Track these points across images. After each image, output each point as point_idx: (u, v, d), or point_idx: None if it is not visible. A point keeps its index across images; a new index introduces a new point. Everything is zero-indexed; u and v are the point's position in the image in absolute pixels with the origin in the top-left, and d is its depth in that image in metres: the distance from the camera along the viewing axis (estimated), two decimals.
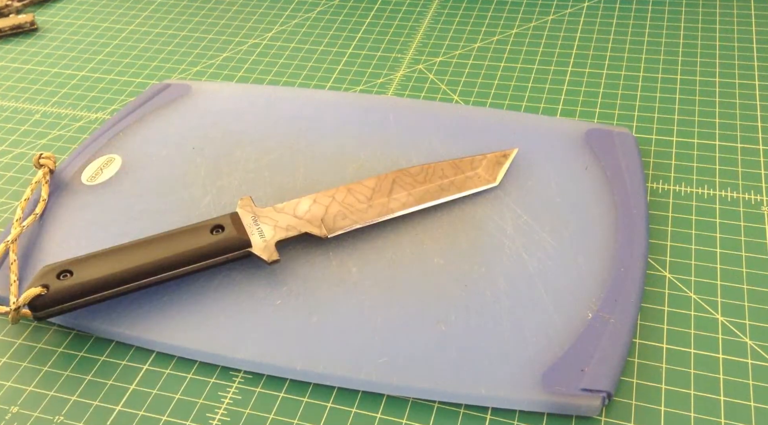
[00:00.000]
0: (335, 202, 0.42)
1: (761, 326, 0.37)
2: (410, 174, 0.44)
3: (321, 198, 0.42)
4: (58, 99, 0.56)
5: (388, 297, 0.39)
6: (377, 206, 0.42)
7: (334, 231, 0.41)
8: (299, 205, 0.42)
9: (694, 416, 0.34)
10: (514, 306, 0.38)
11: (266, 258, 0.39)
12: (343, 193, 0.43)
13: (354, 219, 0.42)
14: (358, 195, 0.42)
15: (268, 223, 0.41)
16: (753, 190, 0.45)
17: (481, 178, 0.44)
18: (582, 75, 0.55)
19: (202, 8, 0.66)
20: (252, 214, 0.41)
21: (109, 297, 0.38)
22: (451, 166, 0.44)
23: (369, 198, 0.43)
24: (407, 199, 0.43)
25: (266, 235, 0.40)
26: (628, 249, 0.40)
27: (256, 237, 0.40)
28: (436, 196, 0.43)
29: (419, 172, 0.44)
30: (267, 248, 0.40)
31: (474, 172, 0.44)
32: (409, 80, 0.56)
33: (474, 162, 0.44)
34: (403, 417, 0.35)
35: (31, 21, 0.64)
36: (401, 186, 0.43)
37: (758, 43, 0.56)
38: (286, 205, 0.42)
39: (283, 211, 0.41)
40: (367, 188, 0.43)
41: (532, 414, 0.35)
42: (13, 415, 0.36)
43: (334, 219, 0.42)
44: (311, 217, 0.41)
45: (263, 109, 0.52)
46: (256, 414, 0.35)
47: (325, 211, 0.42)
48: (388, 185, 0.43)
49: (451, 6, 0.64)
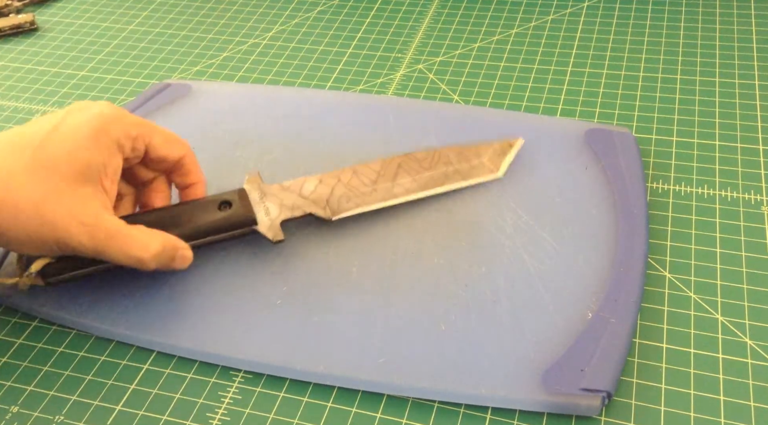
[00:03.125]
0: (341, 183, 0.42)
1: (761, 326, 0.37)
2: (416, 159, 0.44)
3: (327, 178, 0.42)
4: (58, 99, 0.56)
5: (388, 297, 0.39)
6: (381, 191, 0.43)
7: (339, 214, 0.42)
8: (305, 184, 0.42)
9: (694, 416, 0.34)
10: (514, 306, 0.38)
11: (271, 237, 0.40)
12: (349, 174, 0.43)
13: (358, 203, 0.42)
14: (363, 178, 0.43)
15: (274, 201, 0.41)
16: (753, 189, 0.45)
17: (485, 167, 0.44)
18: (582, 75, 0.55)
19: (202, 8, 0.66)
20: (259, 191, 0.41)
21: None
22: (457, 153, 0.44)
23: (374, 181, 0.43)
24: (411, 185, 0.43)
25: (272, 214, 0.40)
26: (628, 249, 0.40)
27: (261, 215, 0.40)
28: (440, 184, 0.43)
29: (425, 157, 0.44)
30: (272, 227, 0.40)
31: (479, 160, 0.44)
32: (409, 80, 0.56)
33: (480, 150, 0.44)
34: (403, 417, 0.35)
35: (31, 21, 0.64)
36: (406, 171, 0.43)
37: (758, 43, 0.56)
38: (292, 183, 0.42)
39: (290, 190, 0.42)
40: (373, 171, 0.43)
41: (532, 414, 0.35)
42: (13, 415, 0.36)
43: (338, 201, 0.42)
44: (317, 197, 0.42)
45: (263, 109, 0.52)
46: (256, 413, 0.35)
47: (330, 191, 0.42)
48: (394, 169, 0.43)
49: (451, 6, 0.64)
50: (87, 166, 0.36)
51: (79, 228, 0.35)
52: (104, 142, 0.37)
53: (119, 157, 0.38)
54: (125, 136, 0.38)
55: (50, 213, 0.35)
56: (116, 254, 0.36)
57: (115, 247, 0.36)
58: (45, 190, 0.35)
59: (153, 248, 0.36)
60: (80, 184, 0.36)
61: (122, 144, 0.38)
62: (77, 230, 0.35)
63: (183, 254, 0.38)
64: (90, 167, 0.36)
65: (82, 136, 0.36)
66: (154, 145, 0.40)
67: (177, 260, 0.38)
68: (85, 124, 0.37)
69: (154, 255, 0.36)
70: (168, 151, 0.40)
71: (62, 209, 0.35)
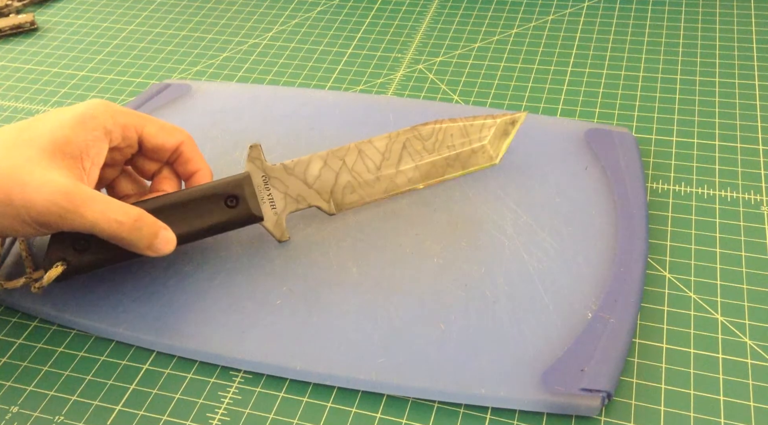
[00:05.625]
0: (345, 168, 0.42)
1: (761, 326, 0.37)
2: (421, 136, 0.43)
3: (332, 159, 0.42)
4: (58, 99, 0.56)
5: (388, 297, 0.39)
6: (385, 179, 0.43)
7: (342, 208, 0.42)
8: (310, 166, 0.42)
9: (694, 416, 0.34)
10: (514, 306, 0.38)
11: (278, 237, 0.41)
12: (354, 154, 0.43)
13: (361, 195, 0.43)
14: (368, 161, 0.43)
15: (278, 188, 0.41)
16: (753, 189, 0.45)
17: (486, 153, 0.44)
18: (582, 75, 0.55)
19: (202, 8, 0.66)
20: (262, 172, 0.41)
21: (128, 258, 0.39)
22: (461, 130, 0.44)
23: (378, 167, 0.43)
24: (413, 174, 0.43)
25: (278, 206, 0.41)
26: (628, 249, 0.40)
27: (267, 208, 0.41)
28: (441, 173, 0.44)
29: (430, 134, 0.43)
30: (278, 225, 0.41)
31: (481, 144, 0.44)
32: (409, 80, 0.56)
33: (483, 128, 0.44)
34: (403, 417, 0.35)
35: (31, 21, 0.64)
36: (410, 153, 0.43)
37: (758, 43, 0.56)
38: (296, 165, 0.42)
39: (294, 173, 0.42)
40: (377, 152, 0.43)
41: (532, 414, 0.35)
42: (13, 415, 0.36)
43: (342, 192, 0.42)
44: (320, 186, 0.42)
45: (263, 109, 0.52)
46: (256, 414, 0.35)
47: (335, 179, 0.42)
48: (399, 149, 0.43)
49: (451, 6, 0.64)
50: (67, 143, 0.36)
51: (53, 189, 0.34)
52: (90, 125, 0.37)
53: (104, 142, 0.38)
54: (113, 122, 0.38)
55: (25, 175, 0.34)
56: (95, 217, 0.35)
57: (95, 209, 0.35)
58: (21, 157, 0.35)
59: (134, 212, 0.36)
60: (59, 157, 0.35)
61: (109, 129, 0.38)
62: (51, 191, 0.34)
63: (166, 235, 0.37)
64: (70, 144, 0.36)
65: (68, 118, 0.37)
66: (148, 135, 0.40)
67: (160, 239, 0.37)
68: (72, 110, 0.37)
69: (136, 219, 0.36)
70: (164, 140, 0.40)
71: (38, 172, 0.34)
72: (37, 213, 0.34)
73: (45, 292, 0.40)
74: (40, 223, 0.35)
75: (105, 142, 0.38)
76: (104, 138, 0.38)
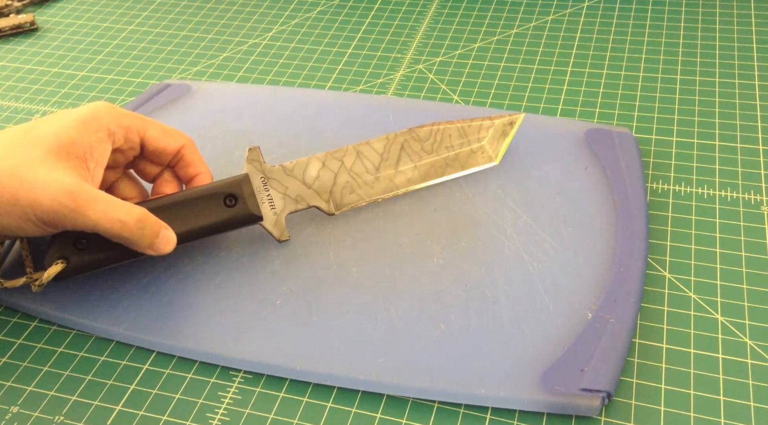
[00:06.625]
0: (344, 168, 0.42)
1: (761, 326, 0.37)
2: (419, 138, 0.44)
3: (330, 161, 0.42)
4: (58, 99, 0.56)
5: (388, 297, 0.39)
6: (384, 179, 0.43)
7: (341, 208, 0.42)
8: (308, 168, 0.42)
9: (694, 416, 0.34)
10: (514, 306, 0.38)
11: (277, 236, 0.41)
12: (352, 156, 0.43)
13: (361, 195, 0.43)
14: (366, 162, 0.43)
15: (277, 188, 0.41)
16: (753, 189, 0.45)
17: (485, 153, 0.44)
18: (582, 75, 0.55)
19: (202, 8, 0.66)
20: (261, 174, 0.41)
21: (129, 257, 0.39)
22: (459, 131, 0.44)
23: (377, 168, 0.43)
24: (413, 174, 0.43)
25: (277, 207, 0.41)
26: (628, 249, 0.40)
27: (266, 208, 0.41)
28: (440, 173, 0.44)
29: (428, 136, 0.44)
30: (278, 224, 0.41)
31: (479, 144, 0.44)
32: (409, 80, 0.56)
33: (482, 129, 0.44)
34: (403, 417, 0.35)
35: (31, 21, 0.64)
36: (409, 154, 0.43)
37: (758, 43, 0.56)
38: (295, 165, 0.42)
39: (293, 174, 0.42)
40: (376, 153, 0.43)
41: (532, 414, 0.35)
42: (13, 415, 0.36)
43: (341, 192, 0.42)
44: (320, 186, 0.42)
45: (263, 109, 0.52)
46: (256, 414, 0.35)
47: (333, 180, 0.42)
48: (397, 150, 0.43)
49: (451, 6, 0.64)
50: (72, 144, 0.36)
51: (58, 188, 0.35)
52: (93, 127, 0.37)
53: (108, 143, 0.38)
54: (116, 124, 0.38)
55: (30, 174, 0.35)
56: (98, 216, 0.35)
57: (99, 209, 0.35)
58: (27, 157, 0.35)
59: (137, 212, 0.36)
60: (63, 157, 0.36)
61: (113, 131, 0.38)
62: (56, 190, 0.34)
63: (167, 235, 0.38)
64: (75, 144, 0.36)
65: (72, 119, 0.37)
66: (150, 137, 0.40)
67: (161, 238, 0.37)
68: (76, 112, 0.38)
69: (139, 219, 0.36)
70: (165, 143, 0.40)
71: (43, 171, 0.35)
72: (42, 213, 0.35)
73: (45, 292, 0.40)
74: (45, 222, 0.35)
75: (108, 143, 0.38)
76: (107, 139, 0.38)
